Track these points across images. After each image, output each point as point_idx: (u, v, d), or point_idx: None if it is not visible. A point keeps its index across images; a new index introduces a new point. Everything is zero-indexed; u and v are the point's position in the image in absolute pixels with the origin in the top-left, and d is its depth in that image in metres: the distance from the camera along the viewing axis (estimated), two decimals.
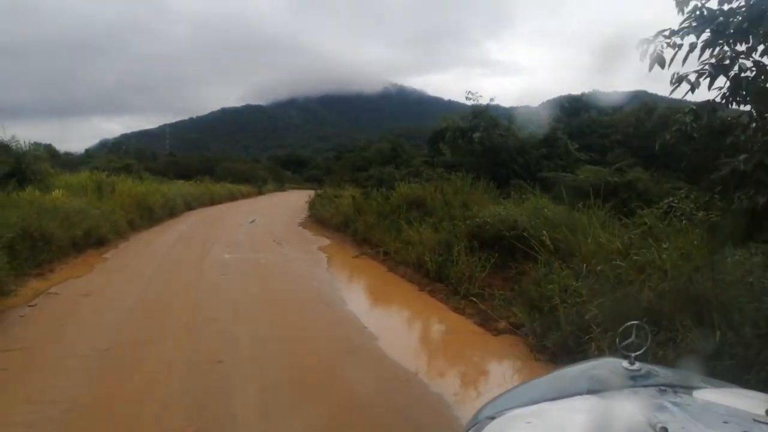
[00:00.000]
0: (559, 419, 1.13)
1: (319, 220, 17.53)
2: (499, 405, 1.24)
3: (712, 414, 1.05)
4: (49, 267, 8.60)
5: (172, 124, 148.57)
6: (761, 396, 1.19)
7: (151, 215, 16.18)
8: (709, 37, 3.36)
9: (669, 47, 3.19)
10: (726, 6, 3.35)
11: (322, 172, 43.05)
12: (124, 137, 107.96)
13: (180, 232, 15.19)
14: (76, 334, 5.53)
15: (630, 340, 1.32)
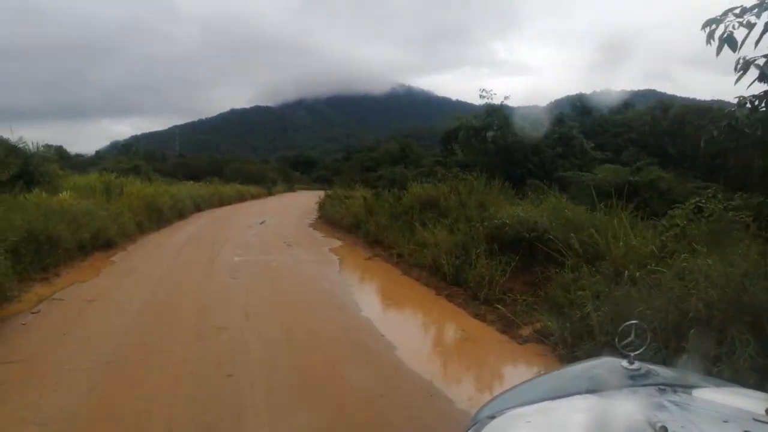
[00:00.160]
0: (559, 418, 1.12)
1: (329, 221, 17.26)
2: (499, 404, 1.24)
3: (712, 413, 1.04)
4: (54, 271, 8.37)
5: (182, 126, 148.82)
6: (761, 395, 1.18)
7: (159, 217, 15.99)
8: None
9: (742, 26, 2.83)
10: None
11: (331, 173, 42.93)
12: (134, 139, 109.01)
13: (189, 233, 14.98)
14: (79, 345, 5.24)
15: (629, 340, 1.32)
